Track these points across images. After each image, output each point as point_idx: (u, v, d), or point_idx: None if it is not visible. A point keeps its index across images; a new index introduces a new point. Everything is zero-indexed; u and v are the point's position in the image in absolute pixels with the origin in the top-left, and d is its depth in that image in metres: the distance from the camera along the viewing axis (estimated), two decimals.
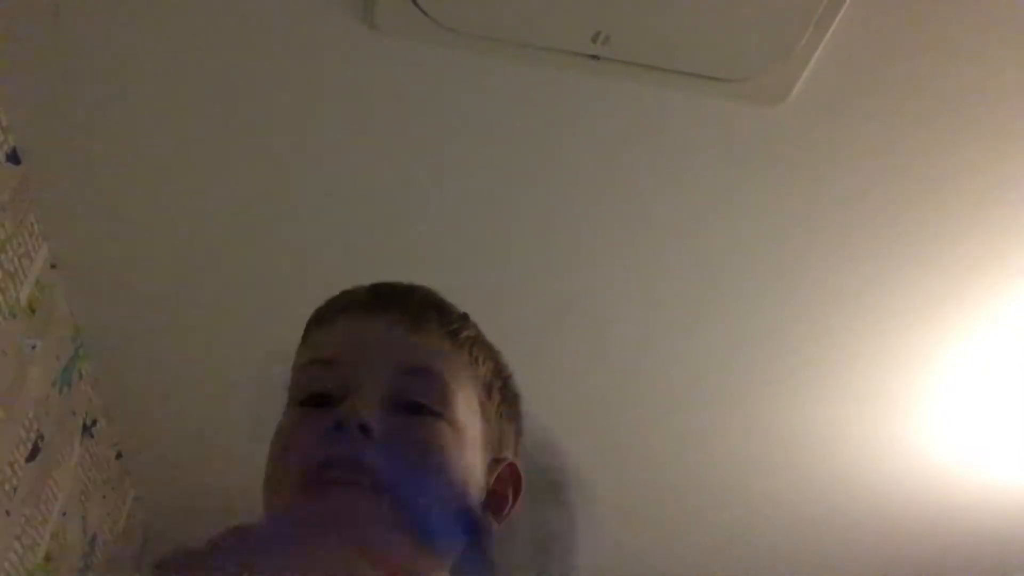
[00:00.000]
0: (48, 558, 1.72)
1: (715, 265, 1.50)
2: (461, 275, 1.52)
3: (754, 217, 1.40)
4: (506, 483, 0.70)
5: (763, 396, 1.76)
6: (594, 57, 1.16)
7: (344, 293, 0.73)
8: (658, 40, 1.13)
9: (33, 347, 1.56)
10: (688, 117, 1.26)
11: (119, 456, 2.09)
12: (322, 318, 0.72)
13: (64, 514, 1.79)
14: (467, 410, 0.67)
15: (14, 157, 1.39)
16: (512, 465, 0.71)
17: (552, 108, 1.26)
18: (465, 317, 0.72)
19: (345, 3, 1.15)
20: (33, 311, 1.54)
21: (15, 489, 1.55)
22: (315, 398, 0.65)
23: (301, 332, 0.75)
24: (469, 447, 0.66)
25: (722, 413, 1.82)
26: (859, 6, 1.09)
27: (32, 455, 1.61)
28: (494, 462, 0.69)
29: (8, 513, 1.54)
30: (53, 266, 1.59)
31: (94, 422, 1.90)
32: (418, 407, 0.64)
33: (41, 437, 1.63)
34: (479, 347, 0.71)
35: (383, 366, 0.65)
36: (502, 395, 0.72)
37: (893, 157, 1.29)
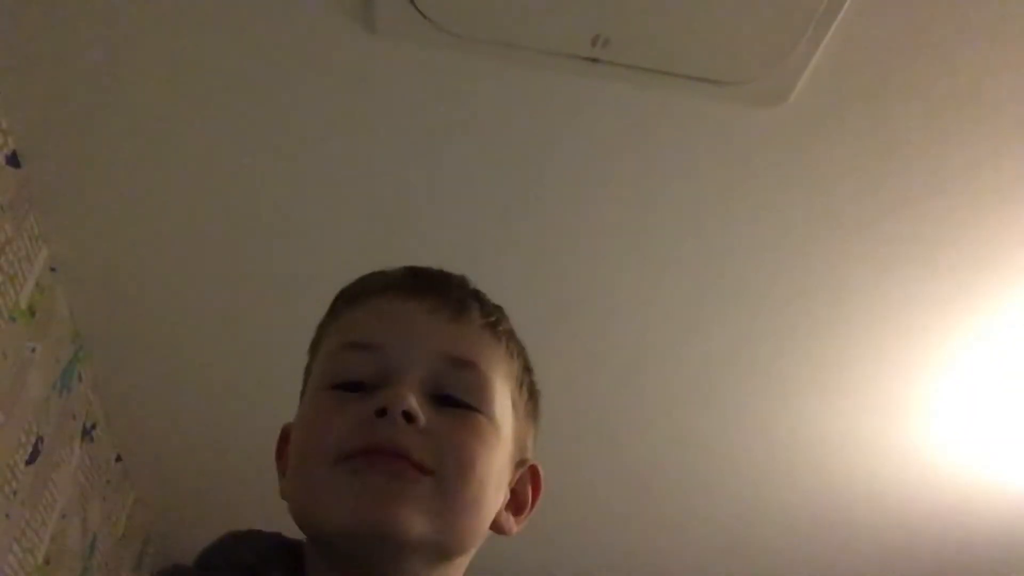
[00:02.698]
0: (48, 561, 1.72)
1: (715, 268, 1.50)
2: None
3: (754, 220, 1.41)
4: (526, 484, 0.68)
5: (764, 397, 1.77)
6: (594, 60, 1.16)
7: (378, 273, 0.70)
8: (657, 43, 1.13)
9: (33, 350, 1.56)
10: (688, 120, 1.26)
11: (119, 459, 2.09)
12: (355, 297, 0.68)
13: (64, 517, 1.79)
14: (503, 407, 0.64)
15: (14, 160, 1.39)
16: (535, 467, 0.69)
17: (552, 111, 1.26)
18: (501, 309, 0.70)
19: (345, 6, 1.15)
20: (33, 314, 1.54)
21: (15, 492, 1.55)
22: (350, 384, 0.62)
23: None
24: (502, 446, 0.63)
25: (723, 413, 1.82)
26: (858, 9, 1.09)
27: (32, 458, 1.60)
28: (520, 462, 0.67)
29: (8, 516, 1.53)
30: (53, 269, 1.59)
31: (94, 425, 1.90)
32: (456, 400, 0.62)
33: (41, 440, 1.63)
34: (513, 341, 0.69)
35: (425, 354, 0.62)
36: (530, 392, 0.70)
37: (893, 159, 1.29)
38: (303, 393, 0.68)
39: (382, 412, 0.58)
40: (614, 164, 1.34)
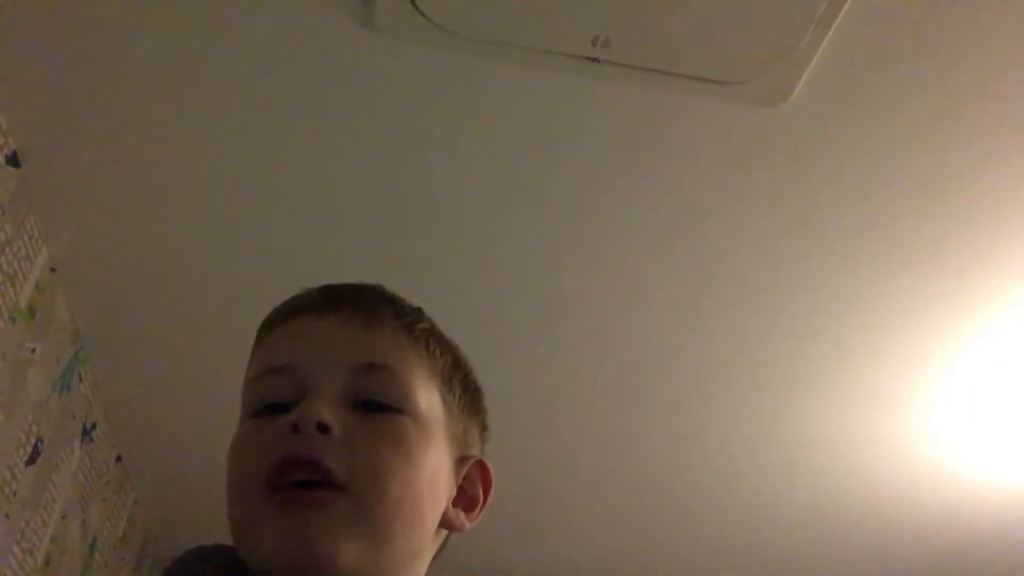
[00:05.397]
0: (48, 562, 1.72)
1: (715, 267, 1.50)
2: (460, 277, 1.52)
3: (755, 219, 1.41)
4: (475, 481, 0.69)
5: (763, 397, 1.77)
6: (594, 60, 1.16)
7: (294, 297, 0.71)
8: (658, 43, 1.13)
9: (33, 350, 1.56)
10: (688, 119, 1.26)
11: (119, 459, 2.09)
12: (272, 323, 0.70)
13: (64, 517, 1.79)
14: (429, 404, 0.65)
15: (14, 160, 1.39)
16: (481, 462, 0.70)
17: (552, 111, 1.26)
18: (419, 310, 0.70)
19: (345, 6, 1.15)
20: (33, 314, 1.54)
21: (15, 492, 1.55)
22: (270, 408, 0.63)
23: None
24: (435, 442, 0.64)
25: (722, 414, 1.82)
26: (859, 8, 1.09)
27: (32, 458, 1.60)
28: (462, 459, 0.67)
29: (8, 516, 1.53)
30: (53, 269, 1.59)
31: (94, 425, 1.90)
32: (378, 404, 0.62)
33: (41, 440, 1.63)
34: (435, 339, 0.69)
35: (338, 365, 0.63)
36: (463, 388, 0.70)
37: (893, 159, 1.29)
38: None
39: (295, 427, 0.59)
40: (614, 163, 1.34)
